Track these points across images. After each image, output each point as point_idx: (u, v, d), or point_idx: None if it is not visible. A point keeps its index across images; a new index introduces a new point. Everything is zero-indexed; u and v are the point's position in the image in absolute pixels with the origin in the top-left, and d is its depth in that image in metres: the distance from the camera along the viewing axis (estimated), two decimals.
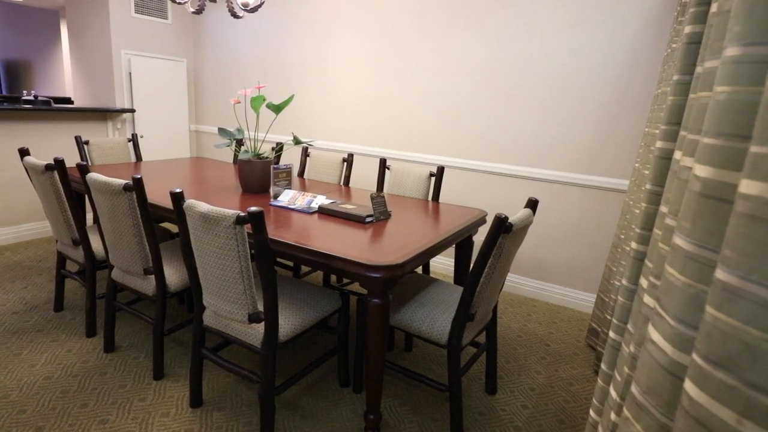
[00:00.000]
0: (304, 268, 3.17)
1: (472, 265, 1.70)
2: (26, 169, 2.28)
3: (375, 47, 3.59)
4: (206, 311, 1.81)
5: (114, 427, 1.73)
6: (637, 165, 2.23)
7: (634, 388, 0.80)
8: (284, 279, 2.02)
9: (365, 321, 1.63)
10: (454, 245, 2.21)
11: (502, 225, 1.52)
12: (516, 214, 1.69)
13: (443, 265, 3.57)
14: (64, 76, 6.76)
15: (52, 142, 3.75)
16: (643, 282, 0.98)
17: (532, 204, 1.83)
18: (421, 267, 2.88)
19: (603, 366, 1.26)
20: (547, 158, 2.99)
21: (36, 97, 4.92)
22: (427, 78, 3.38)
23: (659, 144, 1.25)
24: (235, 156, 3.49)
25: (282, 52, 4.12)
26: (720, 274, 0.57)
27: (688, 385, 0.61)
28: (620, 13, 2.63)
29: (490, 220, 3.15)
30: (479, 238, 3.26)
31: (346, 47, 3.74)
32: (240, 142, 3.19)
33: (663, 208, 0.97)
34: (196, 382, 1.85)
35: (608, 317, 2.23)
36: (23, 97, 4.60)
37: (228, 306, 1.64)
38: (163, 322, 2.01)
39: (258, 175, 2.45)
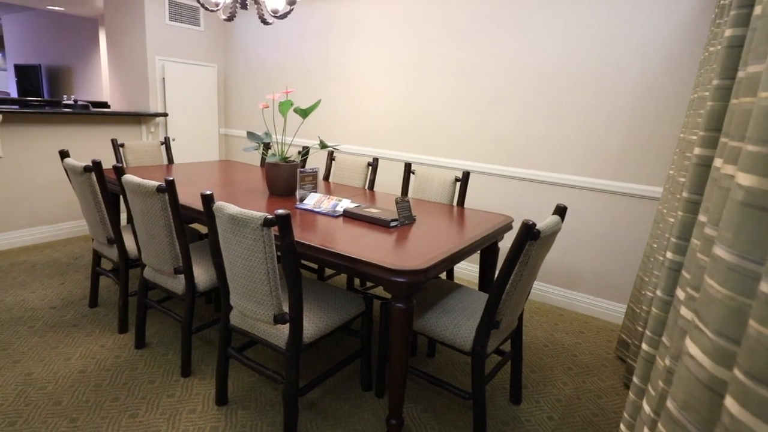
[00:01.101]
0: (328, 271, 3.19)
1: (497, 271, 1.68)
2: (66, 170, 2.38)
3: (400, 52, 3.60)
4: (233, 311, 1.84)
5: (143, 421, 1.77)
6: (671, 172, 2.16)
7: (670, 404, 0.77)
8: (309, 281, 2.04)
9: (389, 325, 1.62)
10: (479, 251, 2.19)
11: (529, 231, 1.50)
12: (544, 220, 1.66)
13: (467, 271, 3.54)
14: (101, 81, 7.04)
15: (90, 145, 3.91)
16: (680, 293, 0.95)
17: (561, 210, 1.79)
18: (445, 272, 2.86)
19: (635, 379, 1.22)
20: (576, 164, 2.93)
21: (76, 101, 5.14)
22: (453, 82, 3.37)
23: (697, 151, 1.20)
24: (263, 159, 3.55)
25: (309, 57, 4.18)
26: (765, 287, 0.55)
27: (729, 402, 0.58)
28: (654, 14, 2.56)
29: (516, 226, 3.11)
30: (505, 244, 3.21)
31: (372, 52, 3.76)
32: (267, 146, 3.24)
33: (702, 218, 0.94)
34: (222, 381, 1.88)
35: (639, 329, 2.16)
36: (64, 102, 4.82)
37: (254, 306, 1.67)
38: (192, 320, 2.05)
39: (285, 179, 2.49)
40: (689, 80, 2.51)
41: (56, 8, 6.21)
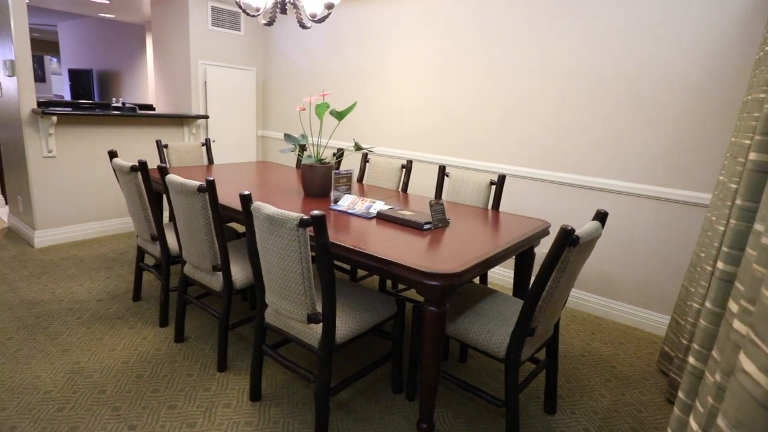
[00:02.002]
0: (361, 272, 3.21)
1: (534, 277, 1.64)
2: (114, 170, 2.50)
3: (435, 53, 3.58)
4: (268, 309, 1.88)
5: (181, 413, 1.84)
6: (721, 178, 2.05)
7: (721, 421, 0.73)
8: (342, 282, 2.06)
9: (421, 328, 1.61)
10: (514, 256, 2.14)
11: (568, 237, 1.45)
12: (583, 226, 1.61)
13: (501, 276, 3.48)
14: (147, 84, 7.37)
15: (136, 145, 4.09)
16: (733, 306, 0.90)
17: (601, 216, 1.73)
18: (478, 277, 2.82)
19: (680, 394, 1.16)
20: (619, 168, 2.83)
21: (123, 104, 5.40)
22: (489, 83, 3.32)
23: (753, 156, 1.13)
24: (299, 161, 3.62)
25: (344, 60, 4.22)
26: None
27: None
28: (704, 12, 2.44)
29: (553, 231, 3.03)
30: (541, 250, 3.14)
31: (406, 54, 3.76)
32: (303, 148, 3.30)
33: (758, 226, 0.88)
34: (257, 377, 1.92)
35: (684, 341, 2.05)
36: (113, 104, 5.07)
37: (288, 305, 1.70)
38: (228, 317, 2.11)
39: (320, 180, 2.52)
40: (741, 81, 2.38)
41: (107, 15, 6.54)
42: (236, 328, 2.39)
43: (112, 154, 2.50)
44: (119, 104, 5.24)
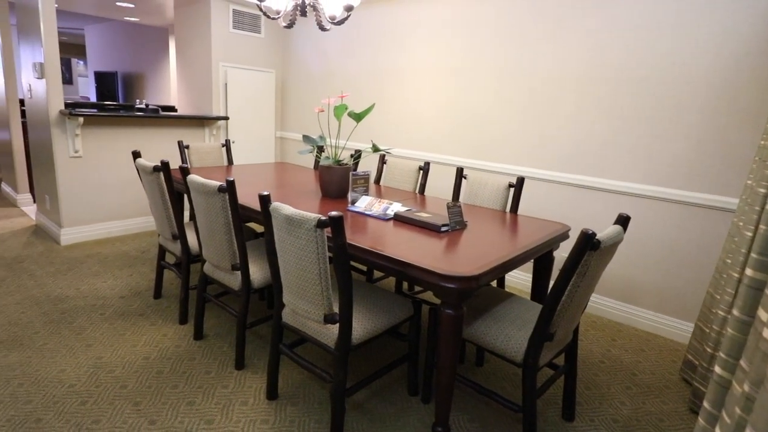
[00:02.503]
0: (377, 274, 3.21)
1: (553, 281, 1.62)
2: (137, 170, 2.56)
3: (453, 55, 3.57)
4: (285, 309, 1.89)
5: (200, 410, 1.86)
6: (749, 182, 1.99)
7: None
8: (358, 283, 2.06)
9: (437, 331, 1.61)
10: (532, 260, 2.12)
11: (588, 241, 1.43)
12: (604, 230, 1.58)
13: (519, 280, 3.44)
14: (170, 86, 7.52)
15: (158, 145, 4.18)
16: (762, 314, 0.87)
17: (623, 220, 1.70)
18: (495, 280, 2.80)
19: (706, 404, 1.13)
20: (640, 172, 2.77)
21: (147, 105, 5.52)
22: (508, 86, 3.29)
23: None
24: (316, 162, 3.64)
25: (362, 62, 4.24)
26: None
27: None
28: (730, 11, 2.37)
29: (573, 235, 2.98)
30: (561, 254, 3.09)
31: (425, 56, 3.76)
32: (321, 149, 3.32)
33: None
34: (273, 376, 1.94)
35: (709, 350, 2.00)
36: (136, 106, 5.19)
37: (306, 305, 1.71)
38: (246, 315, 2.14)
39: (337, 181, 2.53)
40: None
41: (132, 19, 6.71)
42: (254, 326, 2.41)
43: (136, 155, 2.56)
44: (143, 106, 5.36)
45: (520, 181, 2.60)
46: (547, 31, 3.06)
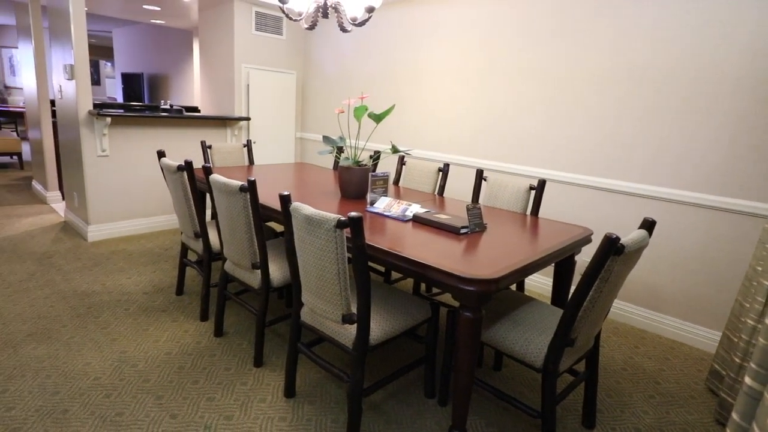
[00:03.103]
0: (395, 275, 3.21)
1: (574, 286, 1.59)
2: (162, 169, 2.62)
3: (473, 56, 3.54)
4: (304, 308, 1.91)
5: (219, 405, 1.89)
6: None
7: None
8: (376, 284, 2.07)
9: (455, 334, 1.60)
10: (553, 264, 2.08)
11: (612, 246, 1.40)
12: (628, 234, 1.54)
13: (539, 283, 3.39)
14: (193, 87, 7.67)
15: (181, 145, 4.26)
16: None
17: (648, 225, 1.66)
18: (515, 284, 2.77)
19: (734, 416, 1.10)
20: (666, 175, 2.70)
21: (171, 106, 5.64)
22: (528, 87, 3.25)
23: None
24: (336, 162, 3.66)
25: (382, 63, 4.24)
26: None
27: None
28: (762, 9, 2.29)
29: (596, 239, 2.93)
30: (582, 258, 3.04)
31: (445, 57, 3.74)
32: (340, 150, 3.34)
33: None
34: (291, 374, 1.96)
35: (737, 360, 1.93)
36: (161, 106, 5.30)
37: (324, 305, 1.72)
38: (266, 314, 2.16)
39: (356, 182, 2.54)
40: None
41: (158, 21, 6.86)
42: (273, 325, 2.44)
43: (161, 154, 2.62)
44: (167, 106, 5.47)
45: (541, 183, 2.56)
46: (569, 30, 3.01)
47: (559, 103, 3.12)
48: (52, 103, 4.77)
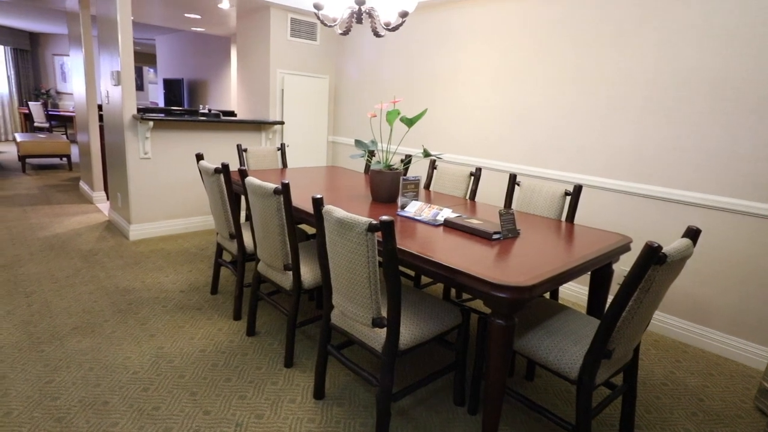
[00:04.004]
0: (424, 279, 3.19)
1: (612, 296, 1.53)
2: (200, 171, 2.70)
3: (508, 60, 3.49)
4: (334, 310, 1.92)
5: (250, 404, 1.93)
6: None
7: None
8: (406, 288, 2.06)
9: (487, 341, 1.57)
10: (589, 272, 2.02)
11: (653, 255, 1.34)
12: (671, 243, 1.48)
13: (574, 292, 3.29)
14: (230, 92, 7.90)
15: (218, 148, 4.39)
16: None
17: (693, 233, 1.58)
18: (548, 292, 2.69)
19: None
20: (712, 181, 2.57)
21: (209, 110, 5.82)
22: (566, 91, 3.17)
23: None
24: (367, 166, 3.68)
25: (415, 67, 4.24)
26: None
27: None
28: None
29: (635, 247, 2.82)
30: (620, 267, 2.93)
31: (479, 61, 3.70)
32: (372, 153, 3.36)
33: None
34: (321, 376, 1.97)
35: None
36: (200, 111, 5.48)
37: (354, 308, 1.72)
38: (296, 315, 2.19)
39: (387, 186, 2.54)
40: None
41: (198, 29, 7.11)
42: (303, 326, 2.47)
43: (199, 157, 2.70)
44: (206, 111, 5.66)
45: (577, 188, 2.49)
46: (612, 34, 2.92)
47: (598, 107, 3.02)
48: (100, 107, 5.02)
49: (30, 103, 9.31)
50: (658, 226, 2.82)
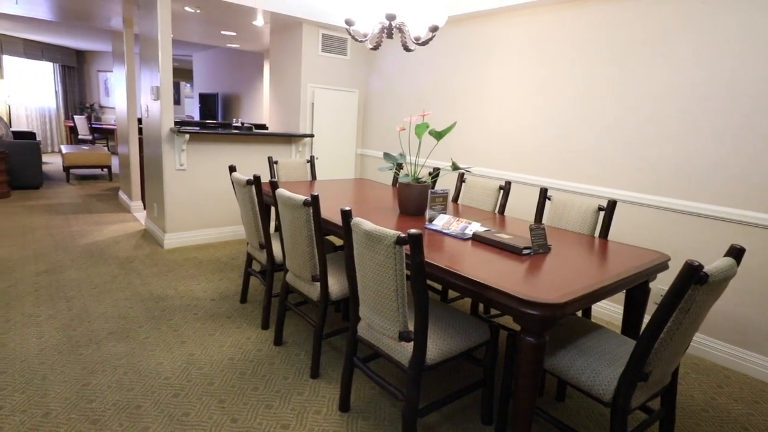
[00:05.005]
0: (452, 294, 3.15)
1: (650, 316, 1.48)
2: (233, 182, 2.77)
3: (539, 72, 3.46)
4: (361, 322, 1.92)
5: (276, 414, 1.94)
6: None
7: None
8: (434, 302, 2.04)
9: (516, 359, 1.53)
10: (624, 291, 1.95)
11: (694, 274, 1.29)
12: (713, 262, 1.41)
13: (607, 311, 3.18)
14: (262, 105, 8.12)
15: (249, 160, 4.51)
16: None
17: (736, 252, 1.51)
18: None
19: None
20: (756, 198, 2.46)
21: (242, 123, 5.99)
22: (599, 104, 3.11)
23: None
24: (395, 179, 3.70)
25: (443, 80, 4.25)
26: None
27: None
28: None
29: (674, 266, 2.72)
30: (657, 285, 2.83)
31: (510, 73, 3.68)
32: (400, 166, 3.37)
33: None
34: (346, 388, 1.97)
35: None
36: (233, 124, 5.65)
37: (381, 321, 1.72)
38: (323, 326, 2.20)
39: (415, 198, 2.54)
40: None
41: (233, 45, 7.37)
42: (330, 337, 2.48)
43: (232, 169, 2.78)
44: (239, 124, 5.83)
45: (611, 204, 2.43)
46: (648, 44, 2.86)
47: (634, 120, 2.95)
48: (139, 121, 5.24)
49: (75, 116, 9.82)
50: (698, 243, 2.71)
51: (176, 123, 4.94)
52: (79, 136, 9.91)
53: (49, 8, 5.07)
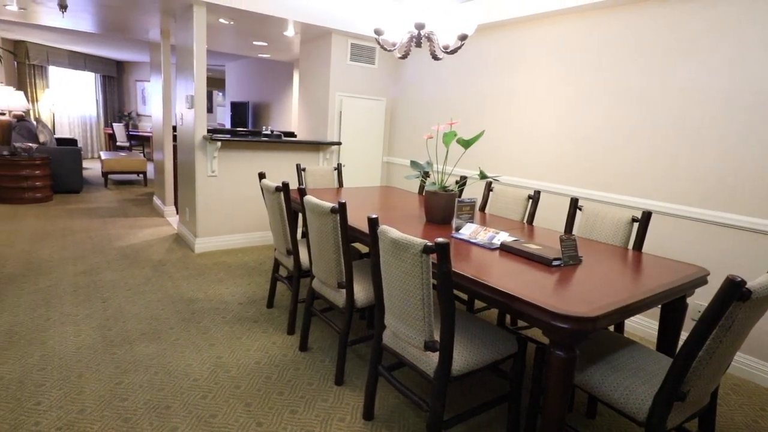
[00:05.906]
0: (478, 304, 3.11)
1: (688, 333, 1.42)
2: (262, 189, 2.83)
3: (569, 79, 3.40)
4: (386, 330, 1.91)
5: (301, 419, 1.95)
6: None
7: None
8: (460, 313, 2.01)
9: (545, 373, 1.49)
10: (659, 306, 1.88)
11: (736, 290, 1.23)
12: (756, 278, 1.35)
13: (641, 326, 3.07)
14: (291, 114, 8.27)
15: (278, 167, 4.59)
16: None
17: None
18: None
19: None
20: None
21: (272, 131, 6.12)
22: (630, 110, 3.03)
23: None
24: (421, 187, 3.69)
25: (471, 88, 4.23)
26: None
27: None
28: None
29: (714, 281, 2.60)
30: (695, 301, 2.71)
31: (539, 82, 3.63)
32: (427, 174, 3.36)
33: None
34: (371, 396, 1.96)
35: None
36: (263, 132, 5.77)
37: (407, 329, 1.71)
38: (348, 333, 2.20)
39: (442, 207, 2.53)
40: None
41: (264, 55, 7.55)
42: (354, 345, 2.48)
43: (261, 176, 2.84)
44: (268, 132, 5.95)
45: (646, 215, 2.35)
46: (683, 50, 2.77)
47: (669, 128, 2.86)
48: (174, 128, 5.42)
49: (114, 124, 10.24)
50: (738, 258, 2.58)
51: (209, 131, 5.09)
52: (117, 143, 10.32)
53: (93, 21, 5.33)
